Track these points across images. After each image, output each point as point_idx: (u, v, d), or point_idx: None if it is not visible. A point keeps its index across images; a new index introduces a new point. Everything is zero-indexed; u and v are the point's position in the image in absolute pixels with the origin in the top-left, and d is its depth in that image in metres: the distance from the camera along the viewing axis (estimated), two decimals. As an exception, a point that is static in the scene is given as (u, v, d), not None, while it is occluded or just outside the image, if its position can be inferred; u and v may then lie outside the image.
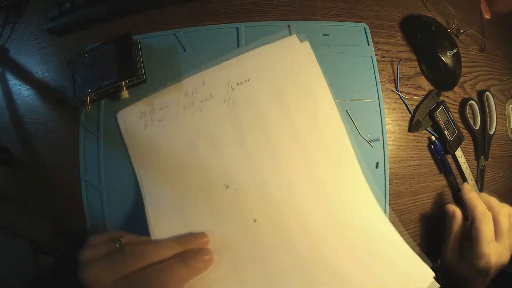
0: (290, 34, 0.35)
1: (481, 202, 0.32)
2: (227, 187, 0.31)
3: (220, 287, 0.28)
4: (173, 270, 0.24)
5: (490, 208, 0.32)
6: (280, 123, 0.32)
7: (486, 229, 0.30)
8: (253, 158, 0.32)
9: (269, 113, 0.33)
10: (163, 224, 0.30)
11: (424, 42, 0.37)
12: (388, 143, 0.34)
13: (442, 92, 0.38)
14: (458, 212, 0.33)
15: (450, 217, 0.34)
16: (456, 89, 0.39)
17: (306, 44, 0.34)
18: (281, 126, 0.32)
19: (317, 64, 0.34)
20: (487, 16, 0.45)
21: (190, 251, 0.26)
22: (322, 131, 0.32)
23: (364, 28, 0.37)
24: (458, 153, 0.37)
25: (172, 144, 0.32)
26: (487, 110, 0.40)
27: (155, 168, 0.32)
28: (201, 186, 0.31)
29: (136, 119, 0.33)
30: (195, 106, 0.33)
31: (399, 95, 0.36)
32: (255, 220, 0.31)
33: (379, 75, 0.35)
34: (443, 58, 0.36)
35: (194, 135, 0.32)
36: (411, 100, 0.36)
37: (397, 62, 0.36)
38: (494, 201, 0.33)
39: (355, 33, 0.36)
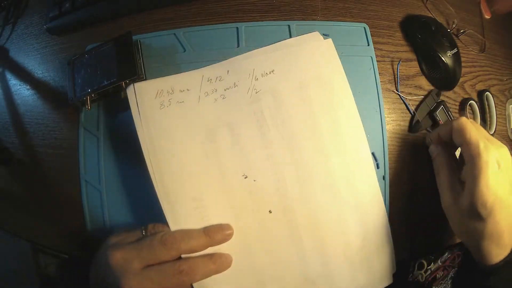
0: (290, 34, 0.35)
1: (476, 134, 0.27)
2: (245, 177, 0.31)
3: (232, 275, 0.30)
4: (203, 265, 0.27)
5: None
6: (302, 118, 0.32)
7: (486, 157, 0.26)
8: (273, 151, 0.32)
9: (291, 106, 0.32)
10: (180, 213, 0.30)
11: (424, 42, 0.37)
12: (388, 143, 0.34)
13: (442, 92, 0.38)
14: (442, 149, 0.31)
15: (434, 157, 0.31)
16: (456, 89, 0.39)
17: (329, 41, 0.34)
18: (304, 121, 0.32)
19: (340, 63, 0.34)
20: (487, 16, 0.45)
21: (217, 253, 0.29)
22: (342, 132, 0.32)
23: (364, 28, 0.37)
24: (458, 153, 0.37)
25: (190, 129, 0.31)
26: (487, 110, 0.40)
27: (169, 153, 0.31)
28: (218, 176, 0.31)
29: (151, 97, 0.31)
30: (218, 93, 0.32)
31: (399, 95, 0.36)
32: (270, 212, 0.31)
33: (379, 75, 0.35)
34: (443, 58, 0.36)
35: (214, 122, 0.32)
36: (411, 100, 0.36)
37: (397, 62, 0.36)
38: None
39: (355, 33, 0.36)
